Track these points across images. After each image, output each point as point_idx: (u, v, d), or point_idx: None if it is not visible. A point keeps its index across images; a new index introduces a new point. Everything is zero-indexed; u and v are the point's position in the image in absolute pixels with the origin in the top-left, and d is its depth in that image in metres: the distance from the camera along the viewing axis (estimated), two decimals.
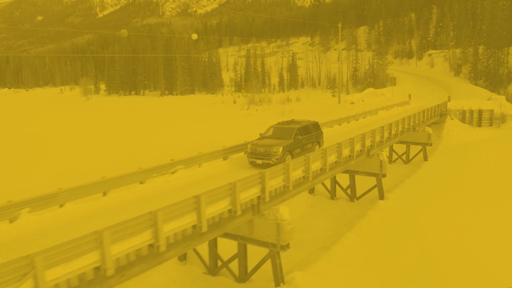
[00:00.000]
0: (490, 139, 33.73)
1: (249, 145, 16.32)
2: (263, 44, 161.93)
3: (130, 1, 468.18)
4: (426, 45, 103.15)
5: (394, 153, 30.34)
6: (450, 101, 38.92)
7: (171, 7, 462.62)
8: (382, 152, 20.90)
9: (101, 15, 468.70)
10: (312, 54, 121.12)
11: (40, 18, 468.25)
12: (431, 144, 29.58)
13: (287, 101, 64.43)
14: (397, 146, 30.51)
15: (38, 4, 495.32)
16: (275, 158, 15.11)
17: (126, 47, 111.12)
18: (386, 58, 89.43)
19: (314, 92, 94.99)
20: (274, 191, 12.66)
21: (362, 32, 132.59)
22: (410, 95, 43.32)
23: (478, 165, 27.00)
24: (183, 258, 14.93)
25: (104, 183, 11.76)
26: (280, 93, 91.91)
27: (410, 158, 29.91)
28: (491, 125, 36.89)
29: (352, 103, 43.83)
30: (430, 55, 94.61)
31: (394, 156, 30.37)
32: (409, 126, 26.68)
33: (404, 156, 30.13)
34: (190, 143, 34.62)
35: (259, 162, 15.43)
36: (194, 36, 28.45)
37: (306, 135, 17.03)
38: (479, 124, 37.14)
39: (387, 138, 22.65)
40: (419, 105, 38.55)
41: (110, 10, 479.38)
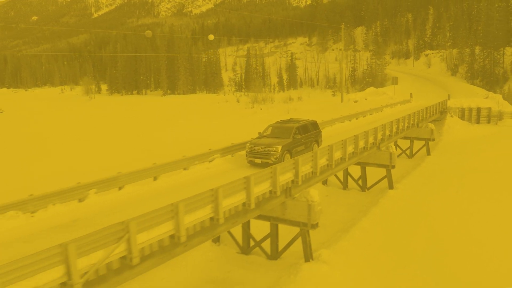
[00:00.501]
0: (488, 135, 35.51)
1: (247, 144, 16.01)
2: (261, 44, 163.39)
3: (125, 1, 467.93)
4: (423, 45, 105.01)
5: (399, 148, 31.92)
6: (449, 99, 40.60)
7: (166, 7, 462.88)
8: (391, 145, 22.49)
9: (96, 15, 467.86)
10: (310, 54, 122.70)
11: (35, 18, 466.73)
12: (434, 139, 31.24)
13: (289, 100, 65.95)
14: (400, 142, 32.16)
15: (33, 4, 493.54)
16: (274, 157, 14.91)
17: (128, 47, 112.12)
18: (384, 58, 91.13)
19: (313, 91, 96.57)
20: (304, 176, 14.14)
21: (359, 32, 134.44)
22: (412, 94, 44.96)
23: (478, 159, 28.69)
24: (217, 240, 16.35)
25: (155, 169, 13.18)
26: (280, 92, 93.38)
27: (414, 152, 31.52)
28: (489, 122, 38.66)
29: (355, 102, 45.47)
30: (427, 55, 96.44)
31: (398, 151, 31.92)
32: (413, 122, 28.27)
33: (408, 151, 31.75)
34: (202, 140, 35.80)
35: (258, 161, 15.24)
36: (211, 36, 29.77)
37: (305, 134, 16.83)
38: (478, 121, 38.88)
39: (395, 133, 24.25)
40: (420, 103, 40.13)
41: (105, 10, 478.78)
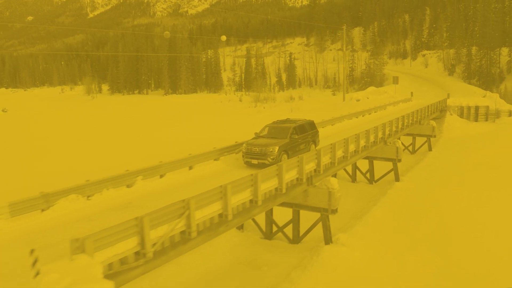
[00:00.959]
0: (486, 133, 37.01)
1: (244, 144, 15.88)
2: (259, 44, 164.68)
3: (121, 1, 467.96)
4: (420, 45, 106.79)
5: (402, 144, 33.29)
6: (449, 98, 42.11)
7: (162, 7, 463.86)
8: (398, 140, 23.90)
9: (91, 15, 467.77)
10: (308, 55, 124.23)
11: (30, 18, 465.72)
12: (435, 136, 32.73)
13: (291, 99, 67.36)
14: (403, 138, 33.53)
15: (28, 4, 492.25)
16: (271, 158, 14.80)
17: (129, 47, 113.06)
18: (382, 58, 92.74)
19: (312, 91, 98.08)
20: (324, 166, 15.46)
21: (357, 33, 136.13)
22: (412, 93, 46.46)
23: (478, 154, 30.16)
24: (241, 227, 17.63)
25: (190, 159, 14.47)
26: (280, 92, 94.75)
27: (416, 148, 32.96)
28: (487, 120, 40.17)
29: (357, 100, 46.90)
30: (424, 56, 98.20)
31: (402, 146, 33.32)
32: (416, 119, 29.71)
33: (410, 147, 33.18)
34: (210, 138, 36.98)
35: (255, 162, 15.09)
36: (223, 37, 30.97)
37: (302, 134, 16.72)
38: (476, 119, 40.40)
39: (400, 129, 25.68)
40: (421, 102, 41.61)
41: (101, 10, 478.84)
